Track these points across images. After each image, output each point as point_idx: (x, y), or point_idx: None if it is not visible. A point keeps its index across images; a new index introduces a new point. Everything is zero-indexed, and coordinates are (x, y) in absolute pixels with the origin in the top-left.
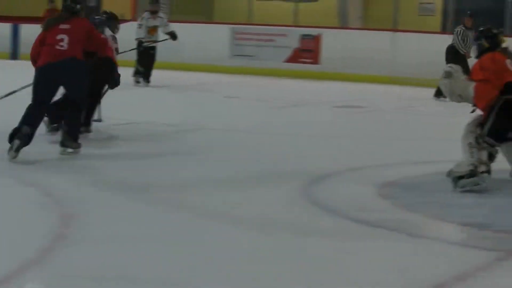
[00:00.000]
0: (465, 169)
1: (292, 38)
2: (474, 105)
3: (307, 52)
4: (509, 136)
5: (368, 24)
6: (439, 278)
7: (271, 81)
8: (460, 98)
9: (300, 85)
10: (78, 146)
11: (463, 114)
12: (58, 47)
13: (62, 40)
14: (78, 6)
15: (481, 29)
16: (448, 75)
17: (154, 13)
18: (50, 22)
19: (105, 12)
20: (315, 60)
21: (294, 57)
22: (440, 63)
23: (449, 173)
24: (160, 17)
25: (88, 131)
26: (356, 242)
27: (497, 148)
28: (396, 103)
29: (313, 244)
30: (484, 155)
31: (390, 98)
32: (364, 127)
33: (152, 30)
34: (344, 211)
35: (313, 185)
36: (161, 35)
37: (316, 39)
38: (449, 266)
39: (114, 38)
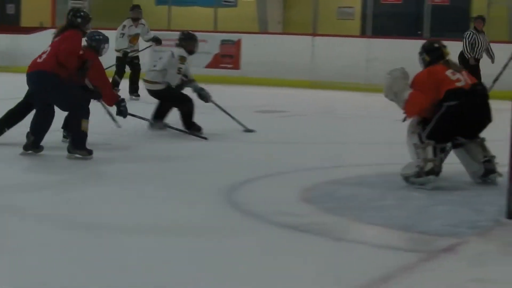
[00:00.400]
0: (411, 170)
1: (212, 44)
2: (403, 109)
3: (228, 57)
4: (449, 140)
5: (287, 28)
6: (363, 280)
7: None
8: (394, 97)
9: (221, 91)
10: (85, 153)
11: (383, 118)
12: (38, 59)
13: (45, 52)
14: (79, 20)
15: (424, 44)
16: (392, 72)
17: (136, 20)
18: (55, 33)
19: (182, 33)
20: (235, 65)
21: (215, 63)
22: (359, 66)
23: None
24: (142, 24)
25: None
26: (280, 247)
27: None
28: (317, 107)
29: (236, 249)
30: (429, 153)
31: (310, 102)
32: (285, 131)
33: (134, 38)
34: (267, 216)
35: (235, 191)
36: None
37: (236, 44)
38: (372, 268)
39: (182, 59)
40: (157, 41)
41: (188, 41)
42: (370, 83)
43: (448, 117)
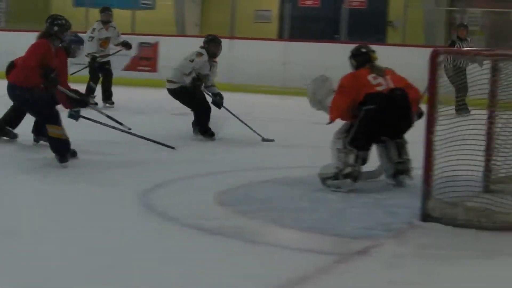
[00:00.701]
0: (330, 171)
1: None
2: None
3: (145, 60)
4: (370, 145)
5: (205, 31)
6: (278, 283)
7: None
8: (320, 105)
9: (139, 93)
10: (62, 160)
11: (300, 121)
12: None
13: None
14: (56, 28)
15: (352, 49)
16: (314, 81)
17: (106, 23)
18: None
19: (206, 36)
20: (153, 68)
21: (133, 65)
22: (277, 69)
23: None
24: (113, 27)
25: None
26: (195, 250)
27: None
28: (234, 110)
29: (151, 252)
30: (351, 158)
31: (228, 105)
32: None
33: (104, 42)
34: (183, 218)
35: (151, 193)
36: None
37: (154, 47)
38: (288, 270)
39: (199, 55)
40: (126, 45)
41: (210, 43)
42: (287, 86)
43: (367, 121)
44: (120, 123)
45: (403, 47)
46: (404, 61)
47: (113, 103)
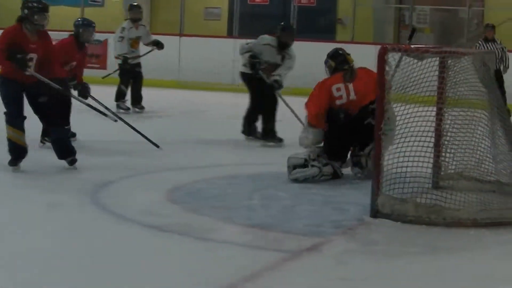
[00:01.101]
0: (299, 160)
1: None
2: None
3: (95, 57)
4: (344, 155)
5: (154, 29)
6: (228, 280)
7: None
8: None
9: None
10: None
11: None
12: None
13: None
14: (26, 11)
15: (328, 52)
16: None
17: (136, 21)
18: None
19: (280, 24)
20: (102, 65)
21: None
22: (226, 67)
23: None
24: (143, 26)
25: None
26: (145, 247)
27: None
28: (184, 108)
29: (101, 249)
30: (322, 161)
31: (177, 103)
32: (151, 131)
33: (135, 42)
34: (132, 216)
35: (101, 191)
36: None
37: (104, 44)
38: (237, 267)
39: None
40: (158, 44)
41: (282, 33)
42: (237, 84)
43: (332, 137)
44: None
45: (352, 44)
46: (353, 58)
47: (142, 107)
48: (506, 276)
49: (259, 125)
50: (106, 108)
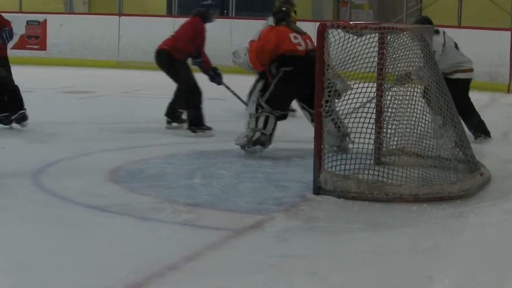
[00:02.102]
0: (241, 141)
1: (17, 25)
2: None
3: (34, 38)
4: (286, 107)
5: (93, 9)
6: (170, 259)
7: None
8: (250, 67)
9: (28, 72)
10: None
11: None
12: None
13: None
14: None
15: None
16: (235, 55)
17: None
18: None
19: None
20: (42, 46)
21: (21, 44)
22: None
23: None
24: None
25: None
26: (87, 228)
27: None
28: (124, 88)
29: (42, 231)
30: (260, 123)
31: (117, 83)
32: (91, 112)
33: None
34: (73, 197)
35: (41, 172)
36: None
37: (42, 25)
38: (179, 246)
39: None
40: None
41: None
42: None
43: (284, 83)
44: None
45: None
46: None
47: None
48: (448, 250)
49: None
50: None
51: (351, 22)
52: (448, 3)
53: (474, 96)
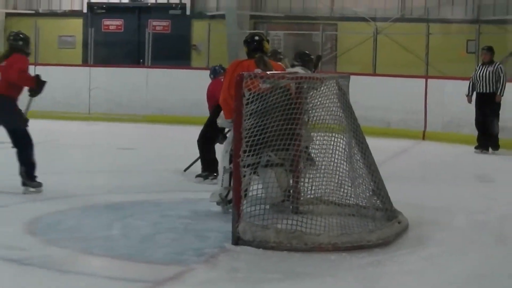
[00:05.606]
0: (216, 198)
1: None
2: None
3: None
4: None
5: None
6: None
7: None
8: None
9: None
10: (38, 185)
11: (107, 147)
12: None
13: None
14: (20, 42)
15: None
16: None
17: None
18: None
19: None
20: None
21: None
22: (82, 95)
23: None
24: None
25: None
26: (6, 282)
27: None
28: (37, 137)
29: None
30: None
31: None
32: (5, 165)
33: None
34: None
35: None
36: None
37: None
38: None
39: None
40: None
41: None
42: (93, 112)
43: None
44: None
45: (208, 70)
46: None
47: None
48: None
49: None
50: None
51: (268, 72)
52: (363, 50)
53: (390, 143)
